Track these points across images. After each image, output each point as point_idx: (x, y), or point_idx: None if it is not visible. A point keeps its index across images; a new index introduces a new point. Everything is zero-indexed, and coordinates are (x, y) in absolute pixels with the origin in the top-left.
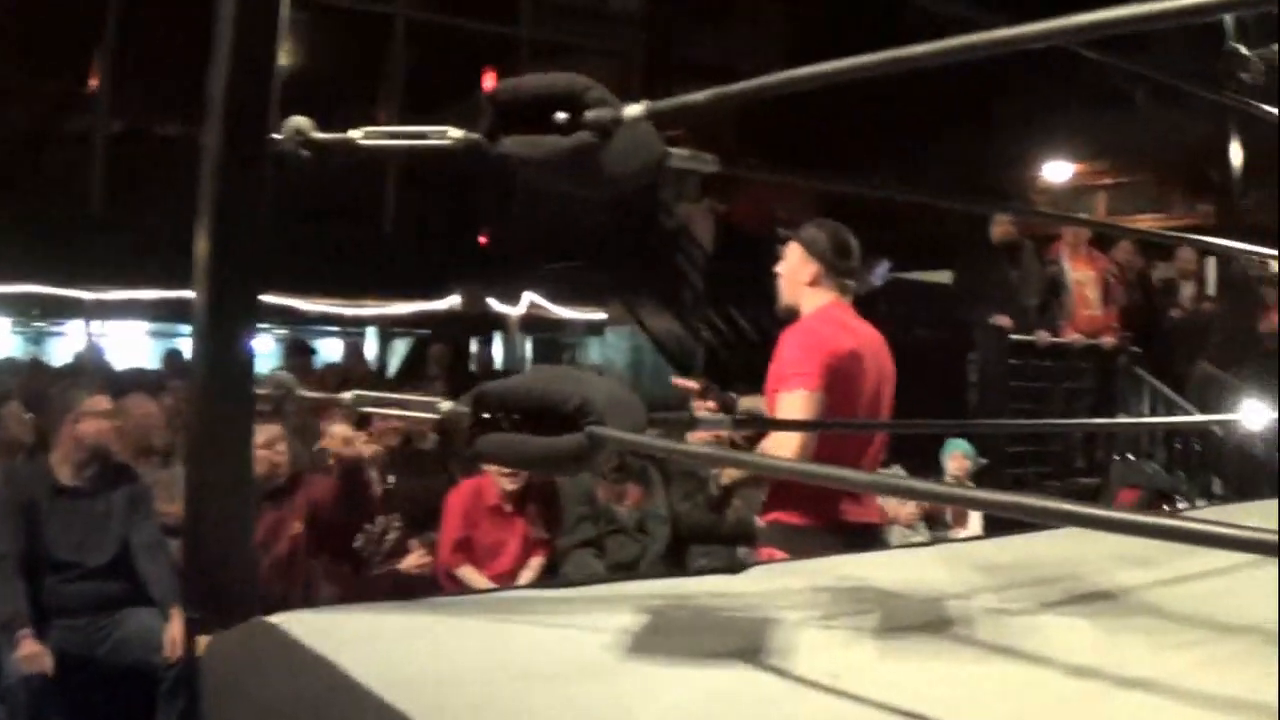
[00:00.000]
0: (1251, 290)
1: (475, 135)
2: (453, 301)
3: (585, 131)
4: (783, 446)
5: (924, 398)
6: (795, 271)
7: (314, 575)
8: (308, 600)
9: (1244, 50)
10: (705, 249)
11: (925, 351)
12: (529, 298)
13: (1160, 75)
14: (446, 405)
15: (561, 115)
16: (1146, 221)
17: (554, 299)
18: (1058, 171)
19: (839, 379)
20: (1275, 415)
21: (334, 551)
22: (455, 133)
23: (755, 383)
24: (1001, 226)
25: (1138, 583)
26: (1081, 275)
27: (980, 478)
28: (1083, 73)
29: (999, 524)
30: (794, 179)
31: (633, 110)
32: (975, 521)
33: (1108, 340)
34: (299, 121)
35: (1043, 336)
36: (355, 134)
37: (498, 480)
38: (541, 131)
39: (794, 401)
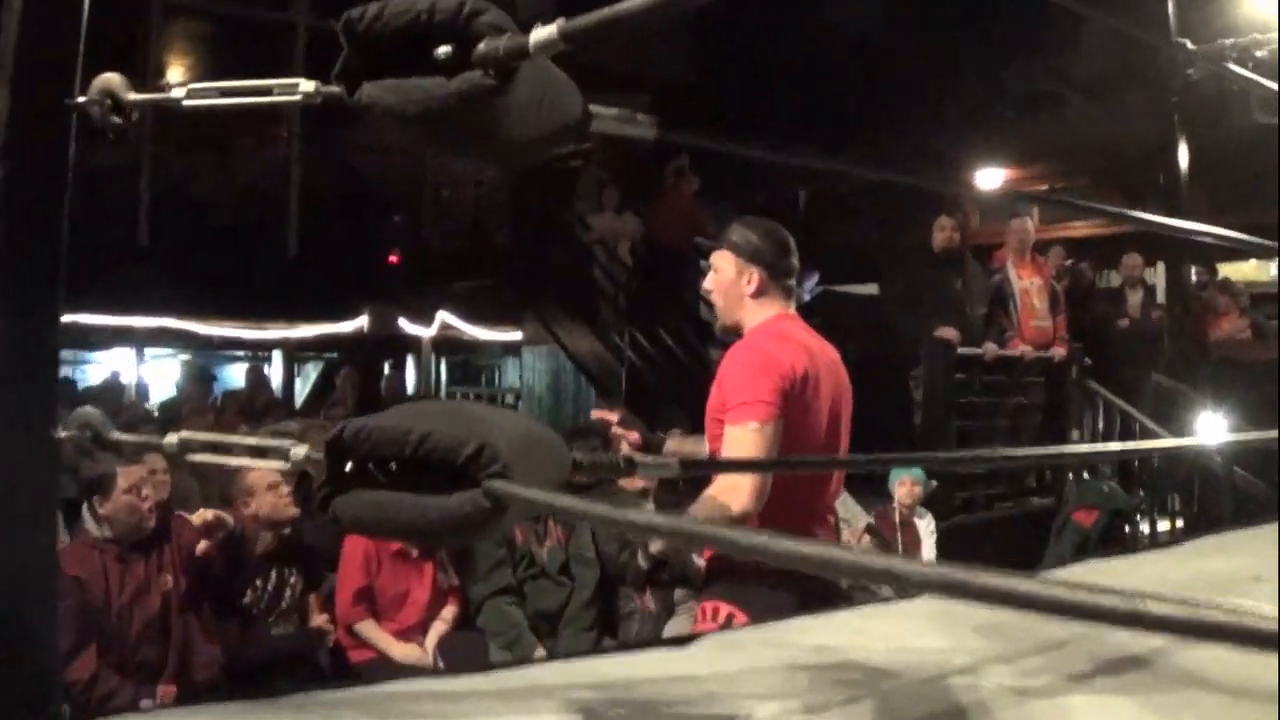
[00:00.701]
0: (1201, 297)
1: (335, 88)
2: (362, 323)
3: (477, 71)
4: (734, 490)
5: (866, 418)
6: (733, 283)
7: (193, 636)
8: (184, 665)
9: (1190, 45)
10: (626, 264)
11: (864, 368)
12: (441, 318)
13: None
14: (300, 450)
15: (444, 50)
16: (1083, 229)
17: (468, 319)
18: (989, 178)
19: (795, 406)
20: (1229, 429)
21: (217, 607)
22: (308, 85)
23: (682, 402)
24: (944, 233)
25: (1166, 639)
26: (1028, 283)
27: (931, 502)
28: (1012, 75)
29: (952, 551)
30: (752, 153)
31: (543, 35)
32: (929, 549)
33: (1058, 352)
34: (108, 80)
35: (990, 349)
36: (178, 92)
37: None
38: (418, 73)
39: (744, 437)
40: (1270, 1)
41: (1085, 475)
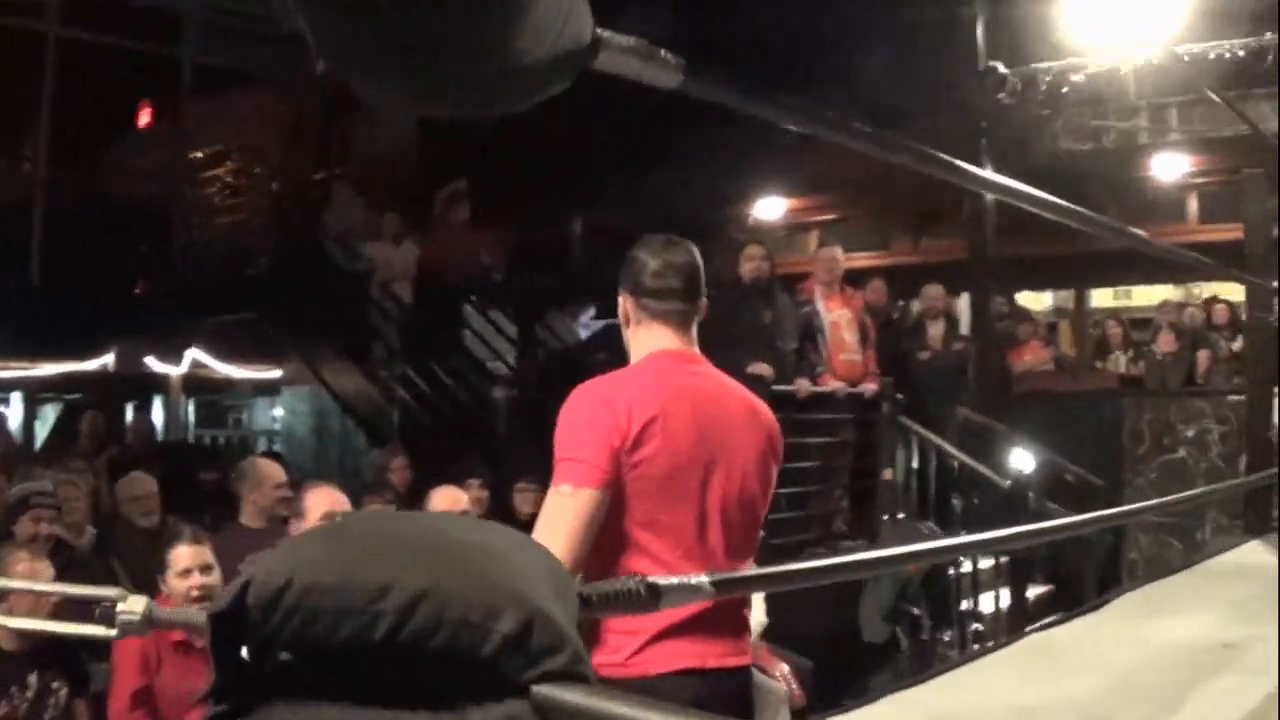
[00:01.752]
0: (1004, 328)
1: None
2: (107, 361)
3: None
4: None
5: None
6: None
7: None
8: None
9: (1003, 69)
10: (402, 297)
11: None
12: (193, 355)
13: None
14: (135, 606)
15: None
16: (865, 260)
17: (222, 356)
18: (770, 208)
19: (641, 465)
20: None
21: None
22: None
23: (461, 445)
24: (753, 262)
25: None
26: (838, 315)
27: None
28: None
29: (768, 600)
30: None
31: None
32: (758, 602)
33: (869, 387)
34: None
35: (803, 386)
36: None
37: (183, 603)
38: None
39: (553, 504)
40: (1084, 29)
41: (900, 515)
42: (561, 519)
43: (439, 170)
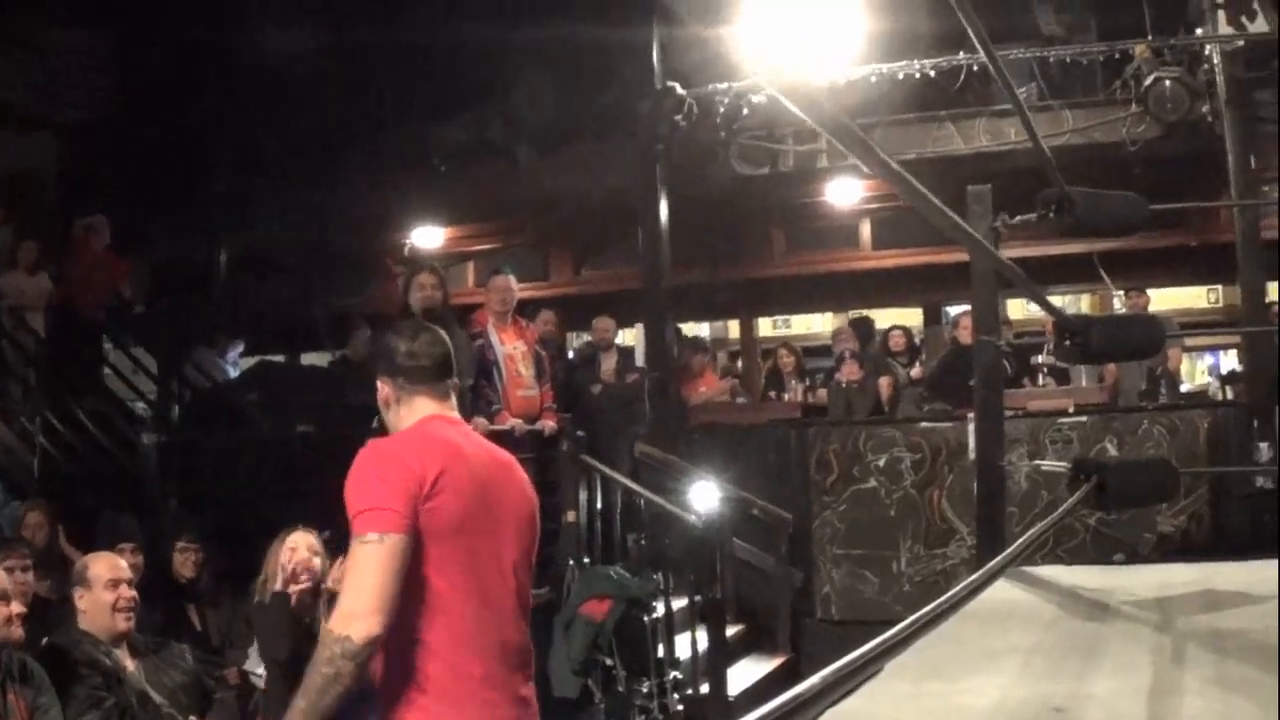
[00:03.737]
0: (680, 359)
1: None
2: None
3: None
4: (351, 616)
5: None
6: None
7: None
8: None
9: (680, 90)
10: (37, 331)
11: (328, 452)
12: None
13: None
14: None
15: None
16: (526, 291)
17: None
18: (426, 236)
19: (437, 514)
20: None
21: None
22: None
23: (103, 494)
24: (424, 292)
25: None
26: (512, 349)
27: None
28: (449, 127)
29: None
30: None
31: None
32: None
33: (548, 424)
34: None
35: (481, 424)
36: None
37: None
38: None
39: (363, 554)
40: (766, 51)
41: (586, 561)
42: (372, 566)
43: (78, 192)
